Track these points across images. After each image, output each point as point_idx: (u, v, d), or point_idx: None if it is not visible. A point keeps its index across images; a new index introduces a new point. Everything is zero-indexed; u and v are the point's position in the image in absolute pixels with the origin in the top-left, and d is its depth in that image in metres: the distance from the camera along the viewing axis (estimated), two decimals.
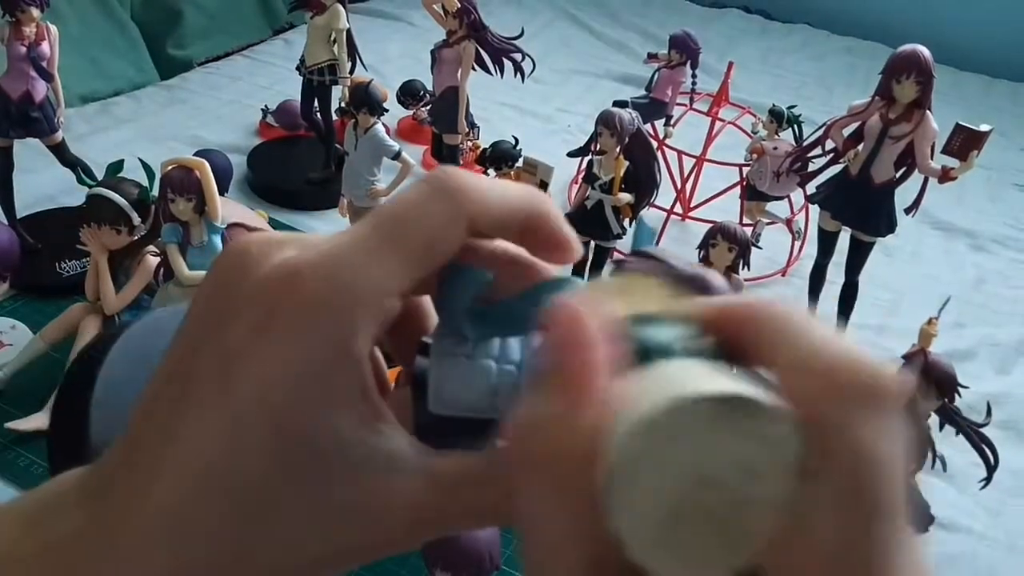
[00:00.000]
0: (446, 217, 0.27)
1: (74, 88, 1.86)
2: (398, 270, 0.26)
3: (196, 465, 0.25)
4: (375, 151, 1.33)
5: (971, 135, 1.20)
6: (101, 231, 1.14)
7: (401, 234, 0.26)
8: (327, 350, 0.25)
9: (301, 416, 0.25)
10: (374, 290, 0.26)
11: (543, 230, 0.28)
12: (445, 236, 0.27)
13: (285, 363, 0.25)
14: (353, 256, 0.26)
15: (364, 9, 2.58)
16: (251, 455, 0.25)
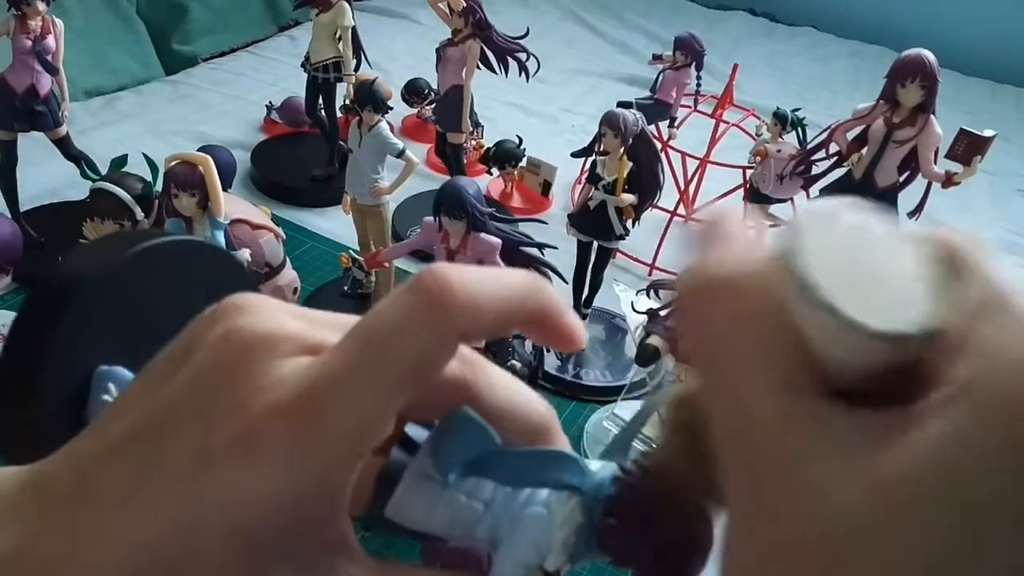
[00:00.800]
0: (435, 338, 0.25)
1: (79, 82, 1.86)
2: (385, 401, 0.25)
3: (147, 538, 0.24)
4: (379, 149, 1.33)
5: (975, 140, 1.20)
6: (104, 225, 1.14)
7: (387, 359, 0.25)
8: (304, 483, 0.25)
9: (263, 542, 0.25)
10: (359, 428, 0.25)
11: (545, 326, 0.29)
12: (434, 358, 0.26)
13: (261, 487, 0.24)
14: (338, 391, 0.25)
15: (369, 7, 2.58)
16: (201, 555, 0.24)
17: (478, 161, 1.78)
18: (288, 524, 0.25)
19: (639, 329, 1.19)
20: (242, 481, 0.24)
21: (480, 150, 1.80)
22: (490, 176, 1.79)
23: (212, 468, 0.24)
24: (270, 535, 0.25)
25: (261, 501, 0.24)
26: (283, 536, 0.25)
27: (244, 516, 0.24)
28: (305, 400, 0.25)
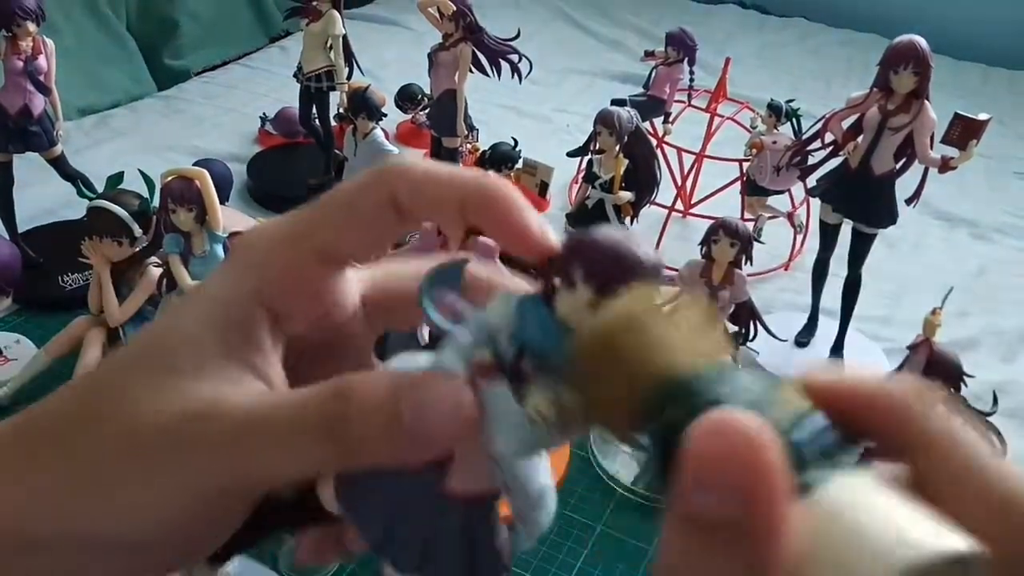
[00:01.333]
0: (363, 187, 0.29)
1: (72, 101, 1.86)
2: (314, 226, 0.30)
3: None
4: (374, 156, 1.33)
5: (970, 124, 1.20)
6: (103, 243, 1.14)
7: (326, 200, 0.30)
8: (221, 281, 0.30)
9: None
10: (269, 240, 0.30)
11: (491, 215, 0.28)
12: (363, 197, 0.29)
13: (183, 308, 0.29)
14: (276, 221, 0.31)
15: (360, 15, 2.58)
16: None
17: (474, 164, 1.78)
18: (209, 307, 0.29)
19: None
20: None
21: (476, 153, 1.80)
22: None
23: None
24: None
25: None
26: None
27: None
28: (252, 230, 0.31)
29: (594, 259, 0.26)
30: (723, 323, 0.25)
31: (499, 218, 0.28)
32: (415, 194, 0.29)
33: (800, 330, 1.43)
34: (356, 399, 0.26)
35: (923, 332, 0.93)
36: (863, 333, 1.47)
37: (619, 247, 0.26)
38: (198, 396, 0.27)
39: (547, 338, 0.27)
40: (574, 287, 0.26)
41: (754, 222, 1.60)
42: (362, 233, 0.30)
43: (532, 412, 0.26)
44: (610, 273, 0.26)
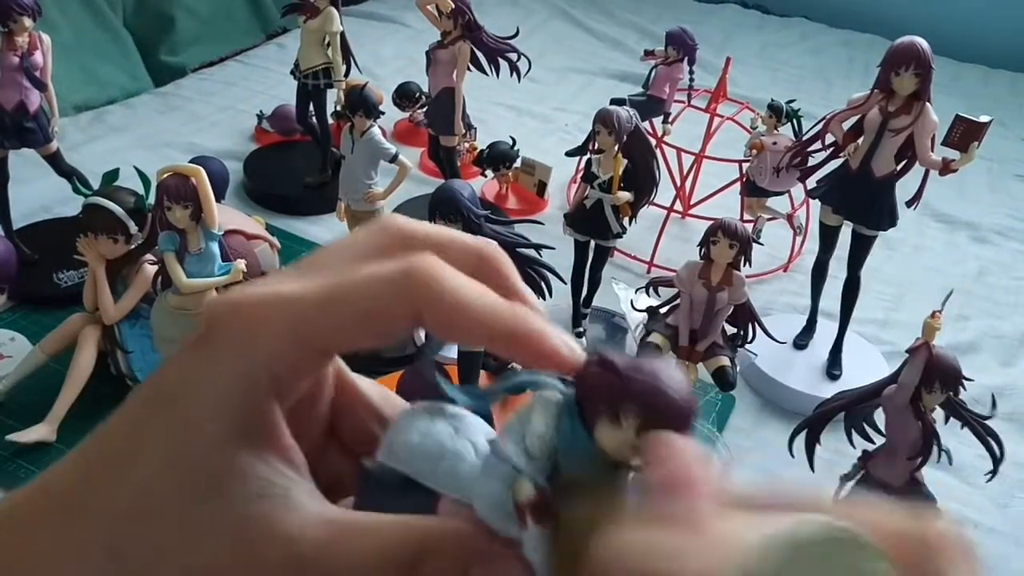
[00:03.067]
0: (392, 289, 0.27)
1: (68, 97, 1.85)
2: (325, 324, 0.27)
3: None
4: (372, 154, 1.32)
5: (971, 126, 1.19)
6: (98, 240, 1.13)
7: (341, 293, 0.27)
8: (230, 368, 0.27)
9: (197, 431, 0.26)
10: (282, 323, 0.27)
11: (520, 350, 0.28)
12: (386, 310, 0.27)
13: (196, 378, 0.27)
14: (285, 294, 0.27)
15: (357, 12, 2.58)
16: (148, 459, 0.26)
17: (472, 163, 1.77)
18: (217, 416, 0.26)
19: (639, 327, 1.19)
20: (184, 368, 0.27)
21: (474, 152, 1.79)
22: (484, 178, 1.78)
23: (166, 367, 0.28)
24: (202, 437, 0.26)
25: (195, 390, 0.27)
26: (215, 440, 0.26)
27: (183, 416, 0.26)
28: (252, 297, 0.27)
29: (653, 407, 0.26)
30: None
31: (528, 351, 0.28)
32: (442, 324, 0.27)
33: (799, 332, 1.43)
34: (439, 554, 0.26)
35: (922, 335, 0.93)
36: (862, 336, 1.47)
37: (675, 398, 0.26)
38: (256, 520, 0.26)
39: (589, 467, 0.26)
40: (619, 424, 0.26)
41: (753, 223, 1.60)
42: (377, 341, 0.28)
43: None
44: (661, 423, 0.26)
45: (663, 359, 0.27)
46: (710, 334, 1.12)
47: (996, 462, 0.92)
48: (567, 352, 0.28)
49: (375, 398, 0.34)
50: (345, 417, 0.33)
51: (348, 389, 0.33)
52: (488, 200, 1.74)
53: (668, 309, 1.16)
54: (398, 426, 0.30)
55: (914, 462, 0.92)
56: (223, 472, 0.26)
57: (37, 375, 1.17)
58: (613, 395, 0.26)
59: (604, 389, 0.26)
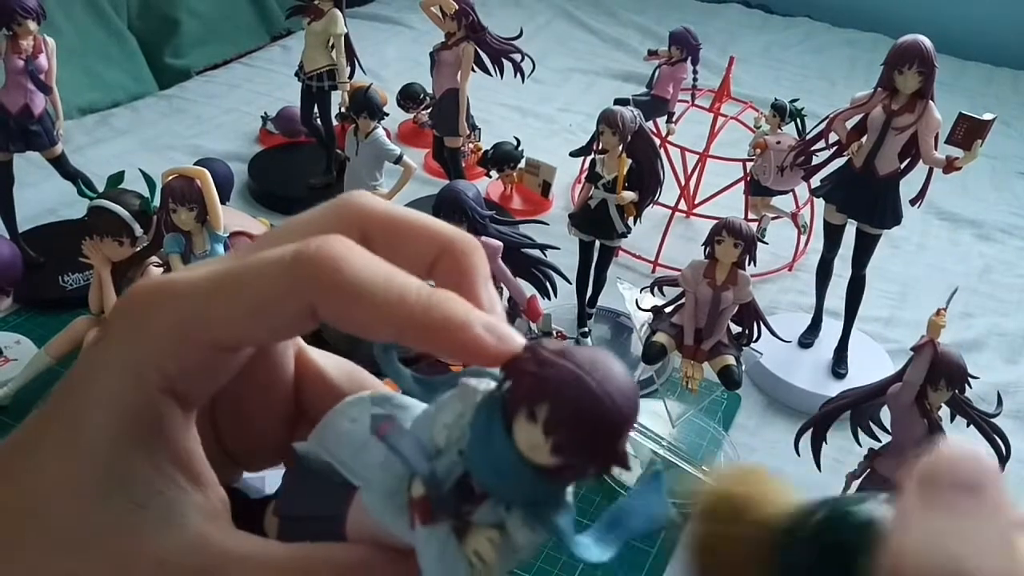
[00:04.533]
0: (285, 283, 0.25)
1: (72, 100, 1.86)
2: (212, 319, 0.25)
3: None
4: (376, 156, 1.32)
5: (974, 124, 1.19)
6: (103, 243, 1.13)
7: (229, 283, 0.25)
8: (119, 363, 0.26)
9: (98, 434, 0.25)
10: (168, 316, 0.25)
11: (435, 341, 0.25)
12: (277, 303, 0.25)
13: (91, 373, 0.26)
14: (177, 284, 0.26)
15: (362, 13, 2.58)
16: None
17: (476, 164, 1.77)
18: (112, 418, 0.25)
19: (644, 327, 1.19)
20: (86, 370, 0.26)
21: (478, 153, 1.79)
22: (489, 179, 1.78)
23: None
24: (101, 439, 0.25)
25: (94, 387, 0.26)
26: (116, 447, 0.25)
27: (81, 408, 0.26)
28: (148, 291, 0.26)
29: (565, 401, 0.23)
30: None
31: (446, 344, 0.25)
32: (339, 316, 0.25)
33: (804, 331, 1.43)
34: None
35: (927, 333, 0.93)
36: (867, 334, 1.47)
37: (598, 409, 0.23)
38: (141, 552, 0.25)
39: (500, 470, 0.24)
40: (534, 420, 0.23)
41: (758, 222, 1.60)
42: (273, 337, 0.27)
43: (471, 556, 0.24)
44: (568, 419, 0.23)
45: (606, 352, 0.24)
46: (715, 333, 1.12)
47: (1002, 459, 0.92)
48: (492, 343, 0.24)
49: (336, 376, 0.32)
50: (308, 397, 0.32)
51: (309, 369, 0.32)
52: (492, 200, 1.74)
53: (673, 308, 1.16)
54: (335, 411, 0.28)
55: None
56: (108, 472, 0.25)
57: (43, 378, 1.17)
58: (532, 386, 0.23)
59: (525, 379, 0.24)
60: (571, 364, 0.23)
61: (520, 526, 0.24)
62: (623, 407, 0.23)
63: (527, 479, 0.24)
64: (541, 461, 0.23)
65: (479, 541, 0.24)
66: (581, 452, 0.23)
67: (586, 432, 0.23)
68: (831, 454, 1.08)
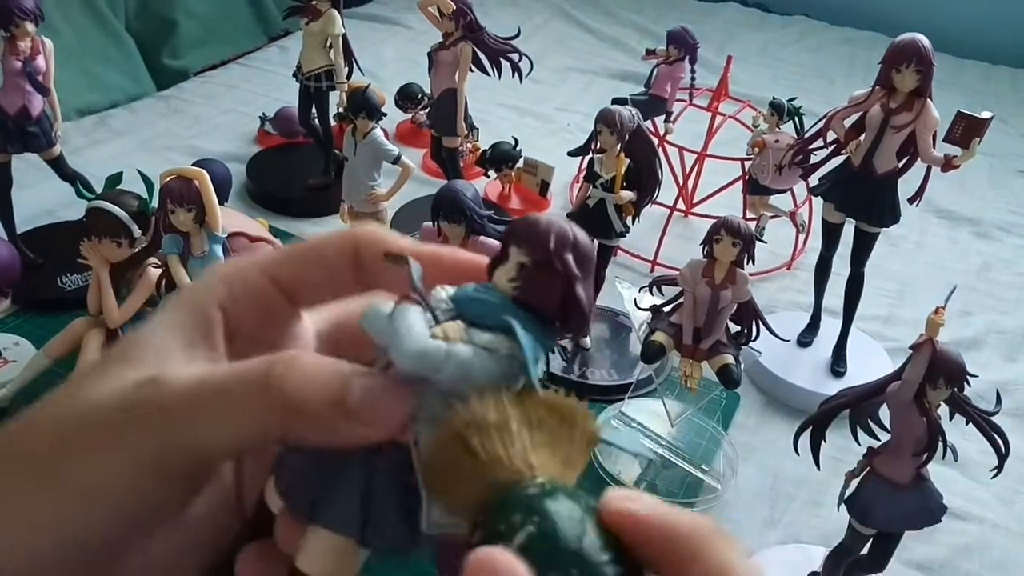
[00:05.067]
0: (330, 237, 0.34)
1: (70, 101, 1.86)
2: (276, 261, 0.33)
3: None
4: (375, 156, 1.32)
5: (972, 122, 1.19)
6: (102, 244, 1.13)
7: (298, 248, 0.34)
8: (191, 295, 0.33)
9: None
10: (250, 265, 0.33)
11: (444, 260, 0.33)
12: (328, 243, 0.33)
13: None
14: (250, 256, 0.33)
15: (359, 13, 2.58)
16: None
17: (474, 164, 1.77)
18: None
19: (643, 326, 1.19)
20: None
21: (476, 153, 1.79)
22: (487, 178, 1.78)
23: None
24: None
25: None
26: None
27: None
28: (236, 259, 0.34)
29: (519, 226, 0.30)
30: (585, 428, 0.27)
31: (453, 261, 0.33)
32: (377, 249, 0.32)
33: (802, 330, 1.43)
34: (302, 369, 0.28)
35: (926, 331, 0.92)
36: (866, 333, 1.47)
37: (541, 217, 0.30)
38: (146, 371, 0.29)
39: (479, 295, 0.29)
40: (507, 260, 0.29)
41: (756, 221, 1.60)
42: (321, 273, 0.33)
43: (437, 330, 0.28)
44: (530, 234, 0.29)
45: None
46: (714, 332, 1.12)
47: (1001, 458, 0.92)
48: (478, 259, 0.32)
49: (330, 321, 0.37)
50: None
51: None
52: (491, 200, 1.74)
53: (672, 308, 1.16)
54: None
55: (919, 458, 0.92)
56: (146, 348, 0.30)
57: (41, 380, 1.17)
58: (504, 241, 0.30)
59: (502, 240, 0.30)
60: (535, 218, 0.30)
61: (485, 333, 0.28)
62: (576, 232, 0.30)
63: (500, 303, 0.29)
64: (510, 284, 0.29)
65: (447, 324, 0.28)
66: (538, 263, 0.29)
67: (542, 243, 0.29)
68: (830, 452, 1.08)
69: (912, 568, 1.12)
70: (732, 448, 1.25)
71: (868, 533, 0.96)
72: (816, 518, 1.17)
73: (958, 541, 1.16)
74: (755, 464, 1.25)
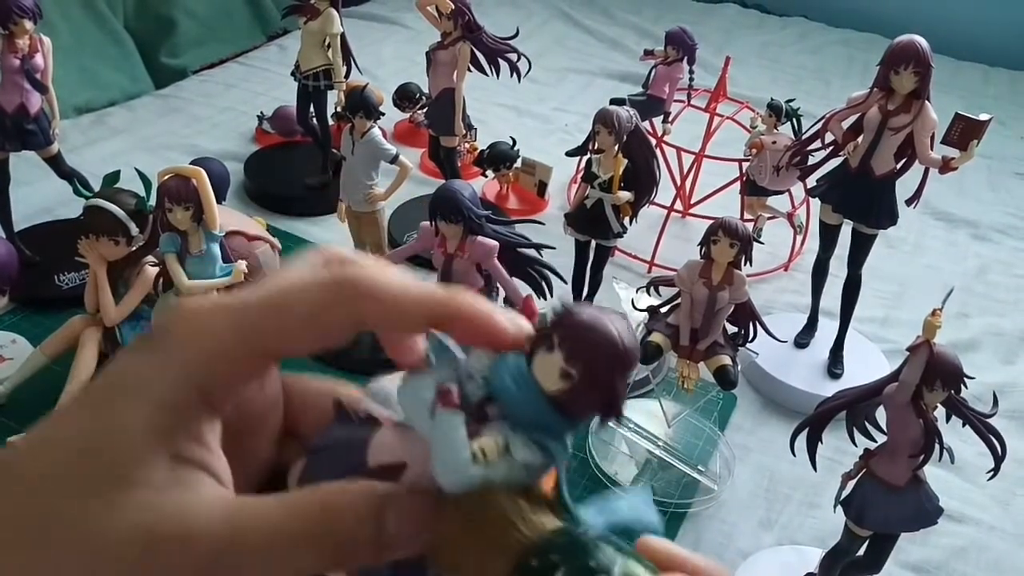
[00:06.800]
0: (324, 291, 0.28)
1: (68, 99, 1.85)
2: (264, 323, 0.28)
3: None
4: (372, 155, 1.32)
5: (971, 124, 1.19)
6: (99, 242, 1.13)
7: (281, 298, 0.28)
8: (164, 363, 0.27)
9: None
10: (225, 322, 0.28)
11: (463, 328, 0.29)
12: (327, 314, 0.28)
13: (131, 371, 0.28)
14: (230, 300, 0.28)
15: (358, 13, 2.58)
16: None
17: (472, 164, 1.77)
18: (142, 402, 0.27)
19: (640, 327, 1.19)
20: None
21: (474, 153, 1.79)
22: (485, 178, 1.78)
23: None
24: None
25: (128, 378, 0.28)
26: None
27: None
28: (205, 305, 0.28)
29: (571, 326, 0.28)
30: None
31: (471, 329, 0.29)
32: (383, 321, 0.29)
33: (800, 331, 1.43)
34: (343, 513, 0.27)
35: (923, 333, 0.92)
36: (863, 334, 1.47)
37: (597, 322, 0.28)
38: (162, 512, 0.26)
39: (517, 389, 0.28)
40: (552, 350, 0.28)
41: (754, 222, 1.60)
42: (319, 345, 0.29)
43: (476, 448, 0.27)
44: (583, 344, 0.28)
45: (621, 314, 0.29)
46: (711, 333, 1.12)
47: (997, 460, 0.92)
48: (511, 326, 0.29)
49: (318, 393, 0.35)
50: (293, 416, 0.34)
51: (293, 390, 0.34)
52: (489, 200, 1.74)
53: (669, 308, 1.16)
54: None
55: (916, 460, 0.92)
56: (134, 461, 0.26)
57: (38, 377, 1.17)
58: (548, 328, 0.28)
59: (546, 327, 0.29)
60: (584, 313, 0.28)
61: (521, 445, 0.27)
62: (629, 348, 0.28)
63: (536, 401, 0.28)
64: (551, 386, 0.28)
65: (485, 441, 0.27)
66: (586, 379, 0.27)
67: (594, 360, 0.27)
68: (827, 454, 1.08)
69: (908, 570, 1.12)
70: (729, 449, 1.25)
71: (864, 535, 0.96)
72: (812, 519, 1.17)
73: (954, 543, 1.16)
74: (751, 465, 1.25)
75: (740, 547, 1.12)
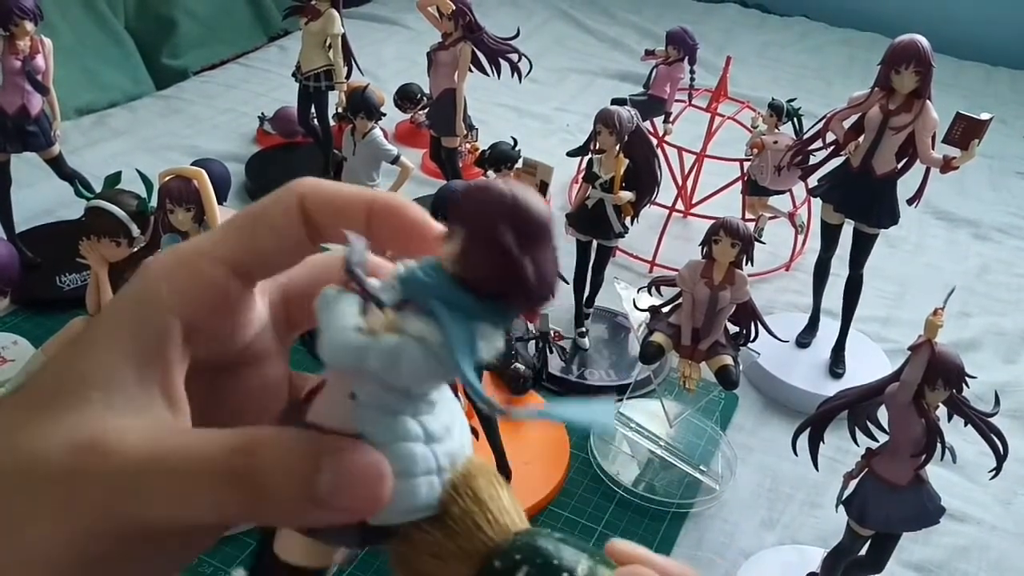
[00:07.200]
0: (273, 199, 0.31)
1: (69, 101, 1.85)
2: (223, 241, 0.30)
3: None
4: (374, 156, 1.32)
5: (972, 124, 1.19)
6: (100, 244, 1.13)
7: (236, 216, 0.31)
8: (136, 294, 0.29)
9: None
10: (194, 252, 0.30)
11: (393, 218, 0.30)
12: (272, 206, 0.30)
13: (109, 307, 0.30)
14: (195, 241, 0.30)
15: (358, 13, 2.58)
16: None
17: (473, 164, 1.77)
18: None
19: (642, 327, 1.19)
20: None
21: (475, 153, 1.79)
22: (486, 179, 1.78)
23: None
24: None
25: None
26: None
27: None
28: (176, 247, 0.30)
29: (461, 199, 0.27)
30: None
31: (402, 221, 0.30)
32: (322, 201, 0.30)
33: (801, 331, 1.43)
34: (266, 457, 0.26)
35: (924, 333, 0.92)
36: (864, 334, 1.47)
37: (484, 185, 0.26)
38: (100, 429, 0.26)
39: (425, 277, 0.27)
40: (453, 234, 0.27)
41: (755, 222, 1.60)
42: (272, 241, 0.30)
43: (363, 324, 0.26)
44: (467, 207, 0.26)
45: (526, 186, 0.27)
46: (712, 333, 1.12)
47: (999, 459, 0.92)
48: (436, 228, 0.30)
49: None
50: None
51: (298, 388, 0.35)
52: None
53: (670, 308, 1.16)
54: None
55: (918, 460, 0.92)
56: (97, 383, 0.27)
57: None
58: (453, 211, 0.27)
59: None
60: (484, 187, 0.26)
61: (415, 320, 0.26)
62: (519, 202, 0.26)
63: (443, 286, 0.26)
64: (453, 267, 0.26)
65: (373, 316, 0.27)
66: (476, 242, 0.26)
67: (478, 217, 0.26)
68: (828, 454, 1.08)
69: (910, 569, 1.12)
70: (730, 449, 1.25)
71: (866, 534, 0.96)
72: (814, 519, 1.17)
73: (956, 542, 1.16)
74: (753, 465, 1.25)
75: (742, 547, 1.12)
